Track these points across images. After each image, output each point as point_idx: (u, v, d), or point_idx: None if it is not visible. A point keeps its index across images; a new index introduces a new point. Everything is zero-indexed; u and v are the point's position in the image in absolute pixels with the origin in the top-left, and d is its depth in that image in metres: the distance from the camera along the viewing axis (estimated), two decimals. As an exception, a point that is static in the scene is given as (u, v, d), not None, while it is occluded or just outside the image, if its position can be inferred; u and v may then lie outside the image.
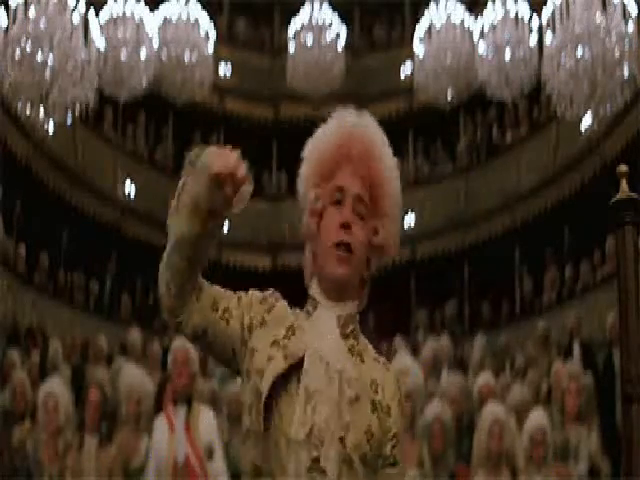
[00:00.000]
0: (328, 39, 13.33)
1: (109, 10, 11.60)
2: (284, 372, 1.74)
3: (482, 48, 11.41)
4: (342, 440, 1.72)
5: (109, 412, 6.37)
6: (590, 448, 6.04)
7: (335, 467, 1.71)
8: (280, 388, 1.74)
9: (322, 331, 1.80)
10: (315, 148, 1.88)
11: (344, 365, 1.77)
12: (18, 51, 9.13)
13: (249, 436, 1.78)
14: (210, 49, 12.66)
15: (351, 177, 1.85)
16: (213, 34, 12.83)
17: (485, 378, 7.37)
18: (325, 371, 1.75)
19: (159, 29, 12.06)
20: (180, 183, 1.78)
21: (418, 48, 12.29)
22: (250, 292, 1.88)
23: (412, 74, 13.24)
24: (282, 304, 1.87)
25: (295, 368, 1.75)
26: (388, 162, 1.88)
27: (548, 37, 9.52)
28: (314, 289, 1.86)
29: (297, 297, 1.96)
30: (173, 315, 1.82)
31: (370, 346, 1.88)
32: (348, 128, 1.87)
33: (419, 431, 5.85)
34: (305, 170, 1.89)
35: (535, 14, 11.06)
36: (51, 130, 10.33)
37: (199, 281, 1.83)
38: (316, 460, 1.71)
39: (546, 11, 9.63)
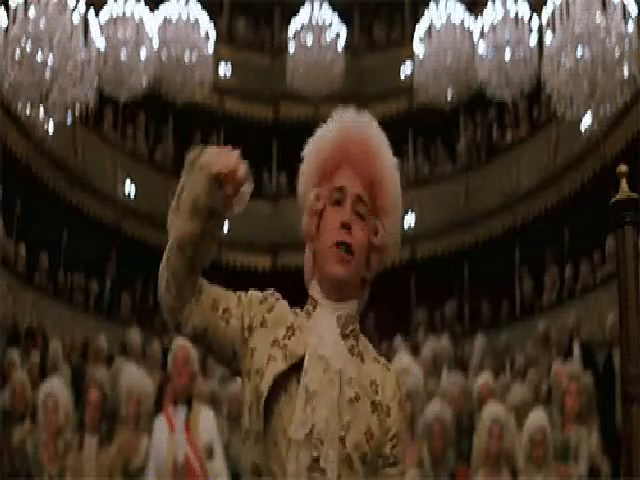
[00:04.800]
0: (328, 39, 13.33)
1: (109, 10, 11.60)
2: (284, 372, 1.74)
3: (482, 48, 11.41)
4: (342, 440, 1.72)
5: (109, 412, 6.37)
6: (590, 448, 6.04)
7: (335, 467, 1.71)
8: (280, 388, 1.74)
9: (322, 331, 1.80)
10: (315, 148, 1.88)
11: (344, 365, 1.77)
12: (18, 51, 9.13)
13: (249, 436, 1.78)
14: (210, 49, 12.66)
15: (351, 177, 1.84)
16: (213, 34, 12.83)
17: (485, 378, 7.37)
18: (325, 371, 1.75)
19: (159, 29, 12.07)
20: (180, 183, 1.78)
21: (418, 48, 12.29)
22: (250, 292, 1.88)
23: (412, 74, 13.24)
24: (282, 304, 1.87)
25: (295, 368, 1.75)
26: (388, 162, 1.88)
27: (548, 37, 9.52)
28: (314, 289, 1.86)
29: (297, 297, 1.96)
30: (173, 315, 1.82)
31: (370, 346, 1.88)
32: (348, 128, 1.87)
33: (419, 431, 5.85)
34: (305, 170, 1.89)
35: (535, 14, 11.06)
36: (51, 130, 10.32)
37: (199, 281, 1.83)
38: (316, 460, 1.71)
39: (546, 11, 9.64)
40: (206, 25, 12.61)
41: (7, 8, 9.23)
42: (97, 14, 10.46)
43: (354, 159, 1.85)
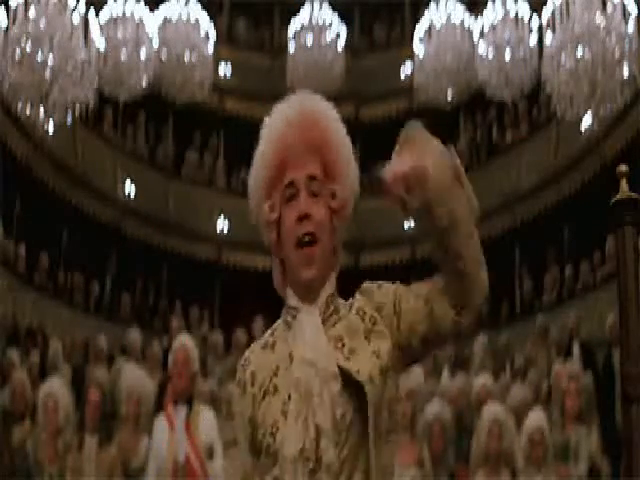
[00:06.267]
0: (328, 39, 13.33)
1: (109, 10, 11.60)
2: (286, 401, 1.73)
3: (482, 48, 11.41)
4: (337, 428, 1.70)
5: (109, 412, 6.38)
6: (590, 448, 6.04)
7: (336, 465, 1.70)
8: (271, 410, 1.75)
9: (307, 337, 1.77)
10: (257, 165, 1.85)
11: (333, 366, 1.73)
12: (18, 51, 9.14)
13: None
14: (210, 49, 12.66)
15: (296, 164, 1.82)
16: (213, 34, 12.83)
17: (485, 378, 7.38)
18: (316, 375, 1.72)
19: (159, 29, 12.06)
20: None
21: (418, 48, 12.29)
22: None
23: (412, 74, 13.24)
24: (252, 350, 1.87)
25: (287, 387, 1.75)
26: (333, 125, 1.86)
27: (548, 37, 9.52)
28: (291, 297, 1.84)
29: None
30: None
31: (343, 303, 1.84)
32: (281, 116, 1.85)
33: (419, 431, 5.86)
34: (252, 188, 1.86)
35: (535, 14, 11.06)
36: (51, 130, 10.32)
37: None
38: (313, 471, 1.69)
39: (546, 11, 9.64)
40: (206, 25, 12.60)
41: (7, 8, 9.23)
42: (97, 14, 10.46)
43: (293, 145, 1.82)
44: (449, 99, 12.17)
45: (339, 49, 13.46)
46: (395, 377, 1.78)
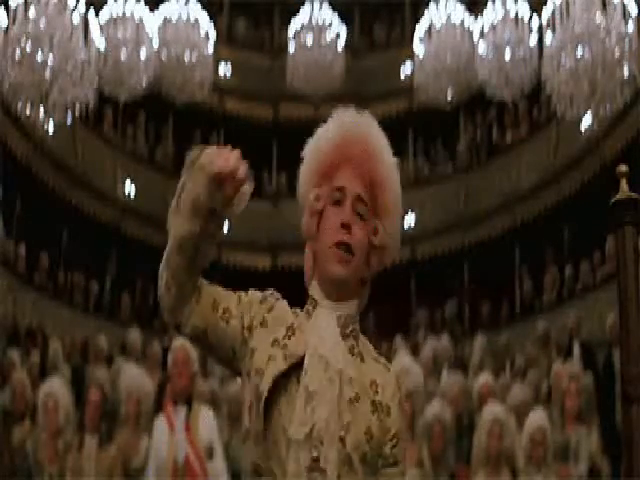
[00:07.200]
0: (328, 39, 13.34)
1: (109, 10, 11.60)
2: (284, 372, 1.74)
3: (482, 48, 11.41)
4: (342, 440, 1.72)
5: (109, 412, 6.37)
6: (590, 448, 6.04)
7: (335, 467, 1.71)
8: (280, 387, 1.74)
9: (322, 331, 1.80)
10: (315, 148, 1.87)
11: (344, 365, 1.77)
12: (18, 51, 9.13)
13: (249, 436, 1.78)
14: (210, 49, 12.66)
15: (351, 177, 1.84)
16: (213, 34, 12.84)
17: (485, 378, 7.38)
18: (325, 371, 1.75)
19: (159, 29, 12.07)
20: (180, 183, 1.78)
21: (418, 48, 12.30)
22: (250, 292, 1.88)
23: (412, 74, 13.25)
24: (282, 304, 1.87)
25: (295, 368, 1.75)
26: (388, 162, 1.87)
27: (548, 37, 9.52)
28: (314, 289, 1.86)
29: (297, 297, 1.95)
30: (173, 315, 1.82)
31: (371, 346, 1.88)
32: (348, 128, 1.86)
33: (419, 431, 5.85)
34: (305, 170, 1.88)
35: (535, 14, 11.06)
36: (51, 130, 10.34)
37: (199, 281, 1.83)
38: (316, 460, 1.71)
39: (546, 11, 9.63)
40: (206, 25, 12.61)
41: (7, 8, 9.23)
42: (97, 14, 10.46)
43: (354, 159, 1.85)
44: (449, 99, 12.17)
45: (339, 49, 13.47)
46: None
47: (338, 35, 13.50)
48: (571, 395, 6.17)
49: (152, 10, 12.12)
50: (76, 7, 9.51)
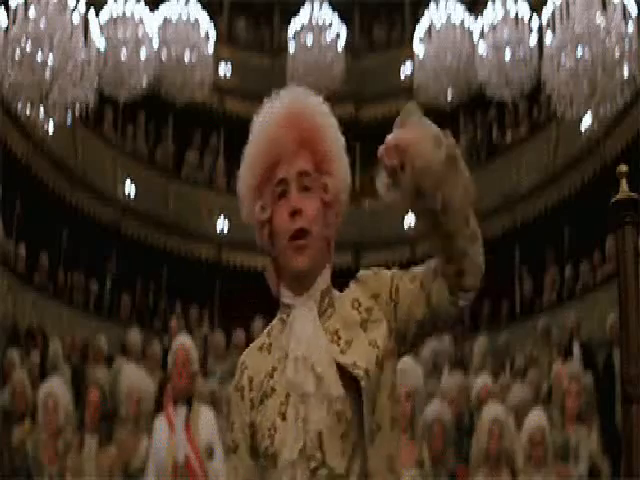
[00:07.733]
0: (328, 39, 13.34)
1: (109, 10, 11.61)
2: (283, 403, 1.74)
3: (482, 48, 11.42)
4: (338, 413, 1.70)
5: (109, 412, 6.37)
6: (590, 448, 6.04)
7: (340, 461, 1.69)
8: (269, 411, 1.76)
9: (298, 335, 1.76)
10: (246, 166, 1.85)
11: (325, 368, 1.72)
12: (18, 51, 9.14)
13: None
14: (210, 49, 12.66)
15: (288, 160, 1.81)
16: (213, 34, 12.83)
17: (485, 378, 7.38)
18: (309, 375, 1.72)
19: (159, 29, 12.07)
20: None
21: (418, 48, 12.30)
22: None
23: (412, 74, 13.25)
24: (247, 353, 1.87)
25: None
26: (322, 119, 1.86)
27: (548, 37, 9.53)
28: (285, 295, 1.83)
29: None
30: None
31: (338, 295, 1.83)
32: (268, 120, 1.85)
33: (419, 431, 5.85)
34: (242, 189, 1.85)
35: (535, 14, 11.07)
36: (51, 130, 10.33)
37: None
38: (315, 469, 1.69)
39: (546, 11, 9.64)
40: (206, 25, 12.61)
41: (7, 8, 9.24)
42: (97, 14, 10.46)
43: (286, 139, 1.81)
44: (449, 99, 12.16)
45: (339, 49, 13.46)
46: (394, 364, 1.78)
47: (338, 35, 13.50)
48: (571, 395, 6.16)
49: (152, 10, 12.12)
50: (76, 7, 9.52)
